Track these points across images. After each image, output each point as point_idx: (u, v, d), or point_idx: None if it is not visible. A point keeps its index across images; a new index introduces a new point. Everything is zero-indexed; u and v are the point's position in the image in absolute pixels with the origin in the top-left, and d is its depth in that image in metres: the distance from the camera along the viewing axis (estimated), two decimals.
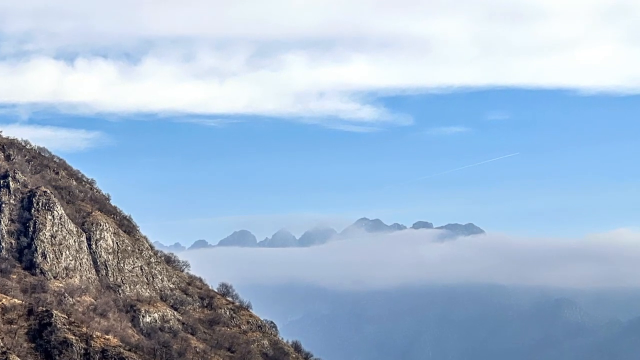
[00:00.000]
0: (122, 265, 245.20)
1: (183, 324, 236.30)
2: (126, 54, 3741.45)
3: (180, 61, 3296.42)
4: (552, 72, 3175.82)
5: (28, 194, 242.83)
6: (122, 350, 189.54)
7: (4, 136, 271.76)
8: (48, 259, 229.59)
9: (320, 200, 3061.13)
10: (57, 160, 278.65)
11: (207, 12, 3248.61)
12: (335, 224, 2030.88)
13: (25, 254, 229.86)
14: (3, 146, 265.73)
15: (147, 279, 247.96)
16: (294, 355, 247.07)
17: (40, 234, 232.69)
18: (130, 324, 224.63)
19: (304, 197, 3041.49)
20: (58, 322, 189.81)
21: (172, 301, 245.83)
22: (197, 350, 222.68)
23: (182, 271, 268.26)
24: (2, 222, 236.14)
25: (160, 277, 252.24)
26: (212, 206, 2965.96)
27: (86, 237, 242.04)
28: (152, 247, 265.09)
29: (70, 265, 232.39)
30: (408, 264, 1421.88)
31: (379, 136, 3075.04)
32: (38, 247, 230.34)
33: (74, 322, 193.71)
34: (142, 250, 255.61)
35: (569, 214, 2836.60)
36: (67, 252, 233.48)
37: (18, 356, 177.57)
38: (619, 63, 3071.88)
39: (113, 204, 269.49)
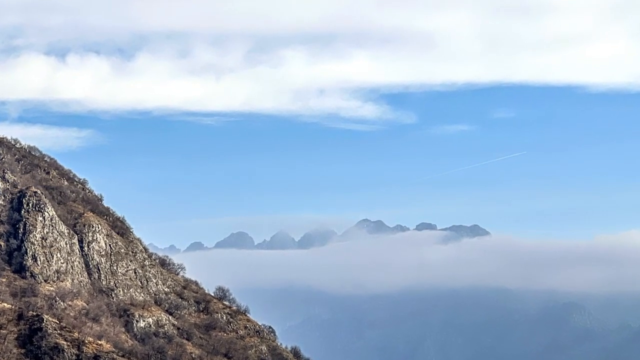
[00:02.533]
0: (115, 268, 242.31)
1: (178, 329, 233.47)
2: (119, 50, 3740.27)
3: (175, 57, 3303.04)
4: (560, 69, 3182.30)
5: (18, 194, 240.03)
6: (115, 356, 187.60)
7: None
8: (38, 262, 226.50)
9: (320, 201, 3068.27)
10: (48, 160, 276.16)
11: (202, 6, 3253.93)
12: (336, 226, 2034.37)
13: (14, 257, 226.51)
14: None
15: (141, 282, 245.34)
16: None
17: (31, 235, 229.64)
18: (123, 329, 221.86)
19: (304, 198, 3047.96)
20: (49, 327, 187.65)
21: (167, 305, 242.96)
22: (193, 356, 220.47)
23: (178, 274, 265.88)
24: None
25: (154, 281, 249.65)
26: (208, 207, 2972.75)
27: (78, 239, 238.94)
28: (146, 250, 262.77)
29: (62, 268, 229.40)
30: (411, 267, 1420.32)
31: (381, 135, 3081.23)
32: (28, 249, 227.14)
33: (65, 327, 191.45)
34: (136, 252, 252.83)
35: (578, 215, 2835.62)
36: (58, 255, 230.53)
37: None
38: (630, 59, 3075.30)
39: (106, 205, 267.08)
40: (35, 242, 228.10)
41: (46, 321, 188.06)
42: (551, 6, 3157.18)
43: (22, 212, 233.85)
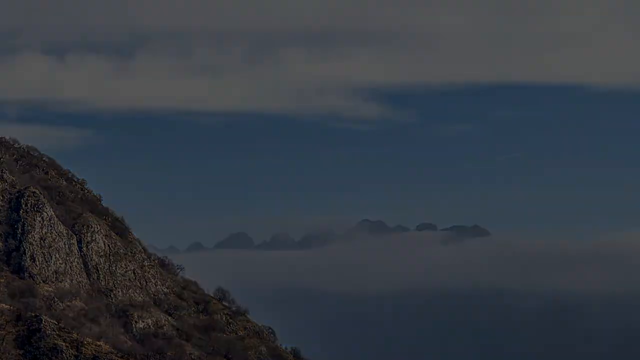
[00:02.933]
0: (114, 268, 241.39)
1: (177, 329, 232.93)
2: (119, 49, 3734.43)
3: (175, 56, 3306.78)
4: (562, 68, 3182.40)
5: (16, 194, 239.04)
6: (114, 357, 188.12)
7: None
8: (37, 262, 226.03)
9: (320, 201, 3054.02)
10: (47, 160, 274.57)
11: (202, 6, 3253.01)
12: (336, 226, 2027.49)
13: (13, 257, 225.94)
14: None
15: (140, 283, 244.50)
16: None
17: (29, 236, 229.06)
18: (122, 330, 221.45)
19: (304, 198, 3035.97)
20: (47, 327, 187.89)
21: (166, 306, 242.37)
22: (192, 357, 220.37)
23: (177, 275, 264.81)
24: None
25: (153, 281, 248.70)
26: (208, 207, 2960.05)
27: (77, 240, 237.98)
28: (145, 250, 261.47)
29: (60, 269, 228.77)
30: (411, 268, 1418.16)
31: (381, 134, 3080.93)
32: (27, 249, 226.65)
33: (64, 328, 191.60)
34: (135, 253, 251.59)
35: (580, 215, 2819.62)
36: (57, 255, 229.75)
37: None
38: (631, 59, 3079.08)
39: (105, 205, 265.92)
40: (34, 243, 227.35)
41: (45, 322, 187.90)
42: (552, 6, 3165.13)
43: (21, 212, 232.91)
